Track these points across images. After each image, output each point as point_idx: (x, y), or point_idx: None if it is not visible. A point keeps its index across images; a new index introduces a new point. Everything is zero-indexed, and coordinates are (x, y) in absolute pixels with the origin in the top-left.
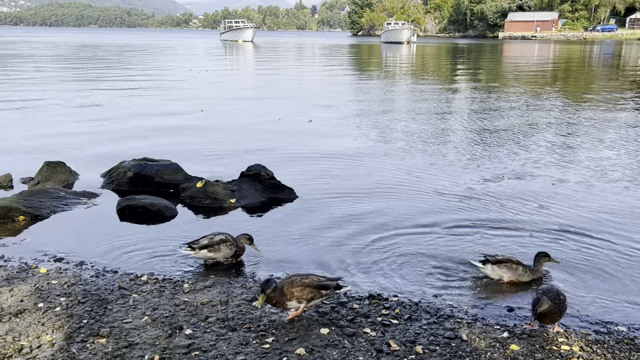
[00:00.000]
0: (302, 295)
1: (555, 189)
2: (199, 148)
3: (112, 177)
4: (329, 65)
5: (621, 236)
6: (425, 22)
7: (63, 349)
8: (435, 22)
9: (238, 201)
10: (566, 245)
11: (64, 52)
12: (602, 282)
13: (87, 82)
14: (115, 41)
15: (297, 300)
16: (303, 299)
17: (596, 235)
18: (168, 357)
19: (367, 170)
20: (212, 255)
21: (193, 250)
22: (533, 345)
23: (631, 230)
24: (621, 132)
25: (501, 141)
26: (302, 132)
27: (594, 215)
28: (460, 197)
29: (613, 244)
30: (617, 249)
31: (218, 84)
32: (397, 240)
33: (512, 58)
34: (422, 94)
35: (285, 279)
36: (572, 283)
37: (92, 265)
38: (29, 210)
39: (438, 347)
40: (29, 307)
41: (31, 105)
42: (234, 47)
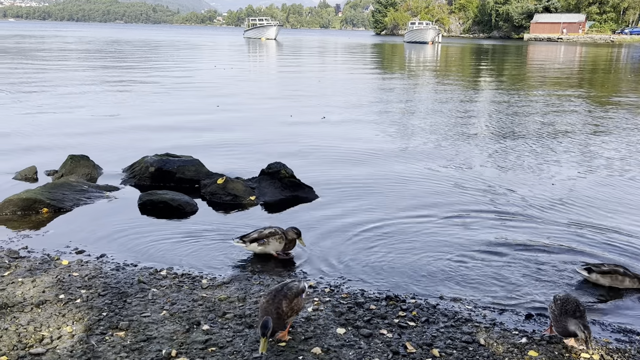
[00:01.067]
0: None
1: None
2: (219, 144)
3: (134, 172)
4: (352, 64)
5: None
6: (449, 22)
7: (82, 340)
8: (459, 23)
9: (258, 198)
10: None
11: (92, 47)
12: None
13: (113, 77)
14: (142, 37)
15: (295, 314)
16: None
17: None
18: (185, 352)
19: (387, 168)
20: (262, 249)
21: (244, 243)
22: (552, 352)
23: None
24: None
25: (524, 143)
26: (321, 130)
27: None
28: (484, 194)
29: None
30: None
31: (241, 81)
32: (417, 241)
33: (537, 60)
34: (445, 94)
35: (270, 303)
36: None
37: (112, 259)
38: (52, 203)
39: (455, 351)
40: (50, 298)
41: (57, 99)
42: (257, 44)
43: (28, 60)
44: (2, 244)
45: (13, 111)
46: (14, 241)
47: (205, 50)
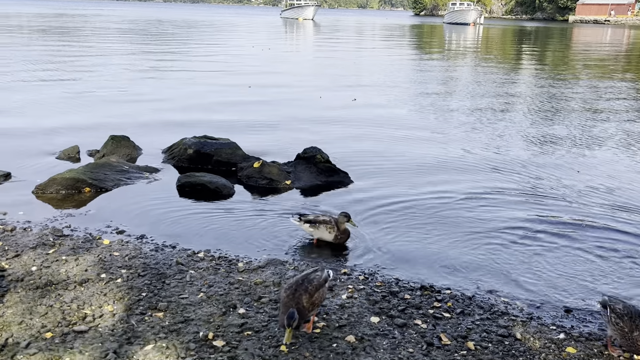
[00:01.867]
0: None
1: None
2: (256, 126)
3: (173, 153)
4: (390, 45)
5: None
6: (491, 3)
7: (123, 320)
8: (501, 4)
9: (293, 183)
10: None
11: (136, 27)
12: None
13: (154, 57)
14: (182, 17)
15: (318, 306)
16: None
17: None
18: (222, 335)
19: (423, 151)
20: (312, 231)
21: (299, 222)
22: (591, 350)
23: None
24: None
25: (564, 127)
26: (354, 112)
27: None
28: (523, 178)
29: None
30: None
31: (278, 62)
32: (454, 227)
33: (582, 43)
34: (486, 76)
35: (291, 299)
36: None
37: (151, 239)
38: (94, 183)
39: (490, 345)
40: (92, 277)
41: (99, 79)
42: (294, 25)
43: (73, 40)
44: (47, 222)
45: (57, 90)
46: (58, 219)
47: (242, 31)
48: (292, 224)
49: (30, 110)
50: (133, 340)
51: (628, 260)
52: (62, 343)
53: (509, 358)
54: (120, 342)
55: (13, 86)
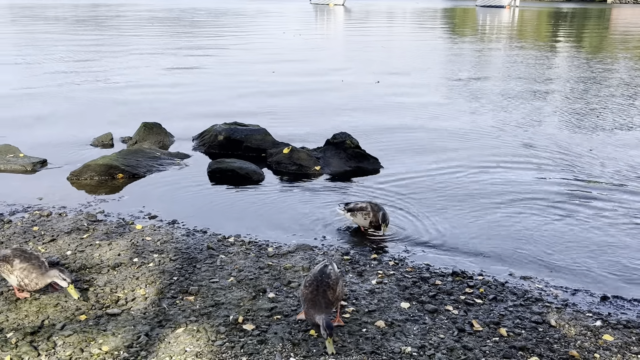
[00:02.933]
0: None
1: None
2: (286, 112)
3: (203, 140)
4: (421, 29)
5: None
6: None
7: (155, 303)
8: None
9: (323, 169)
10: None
11: (168, 15)
12: None
13: (186, 45)
14: (214, 5)
15: (341, 299)
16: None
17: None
18: (252, 319)
19: (454, 136)
20: (351, 219)
21: (343, 211)
22: (629, 338)
23: None
24: None
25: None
26: (387, 99)
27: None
28: (559, 160)
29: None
30: None
31: (310, 49)
32: (485, 212)
33: (623, 26)
34: (530, 60)
35: (315, 295)
36: None
37: (183, 224)
38: (127, 169)
39: (524, 331)
40: (125, 261)
41: (129, 68)
42: (325, 11)
43: (107, 30)
44: (82, 207)
45: (89, 78)
46: (92, 205)
47: (274, 18)
48: (319, 207)
49: (65, 99)
50: (164, 324)
51: None
52: (95, 325)
53: (543, 345)
54: (152, 325)
55: (48, 76)
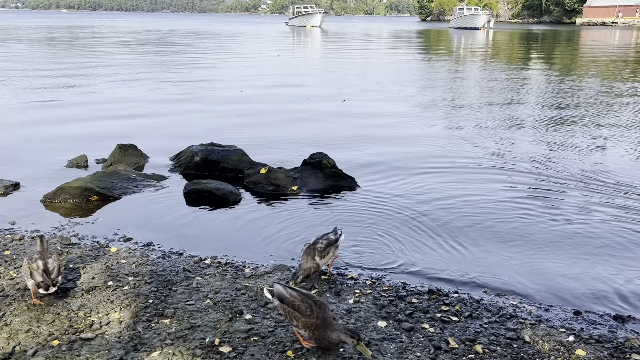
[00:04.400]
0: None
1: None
2: (262, 133)
3: (180, 161)
4: (397, 50)
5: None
6: (497, 7)
7: (130, 327)
8: (508, 7)
9: (300, 188)
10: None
11: (145, 37)
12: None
13: (163, 66)
14: (191, 27)
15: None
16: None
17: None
18: (228, 341)
19: (428, 154)
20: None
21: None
22: (601, 352)
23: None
24: None
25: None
26: (361, 118)
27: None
28: (530, 176)
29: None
30: None
31: (287, 68)
32: (461, 230)
33: (592, 47)
34: (503, 80)
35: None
36: None
37: (158, 247)
38: (102, 191)
39: (499, 348)
40: (99, 284)
41: (104, 87)
42: (302, 32)
43: (83, 50)
44: (55, 230)
45: (64, 99)
46: (65, 228)
47: (251, 40)
48: (297, 227)
49: (38, 121)
50: (139, 347)
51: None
52: (68, 350)
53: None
54: (127, 349)
55: (20, 96)
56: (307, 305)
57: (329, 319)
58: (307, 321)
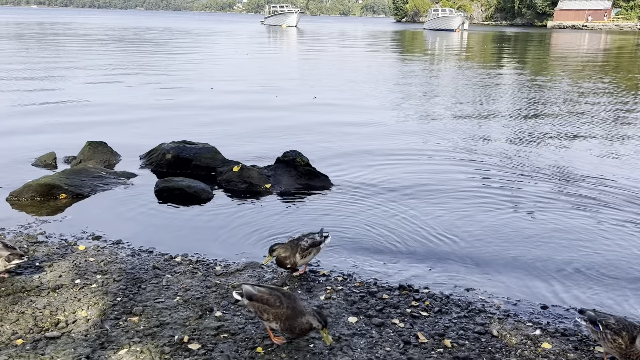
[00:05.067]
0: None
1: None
2: (235, 131)
3: (151, 159)
4: (374, 51)
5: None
6: (471, 9)
7: (97, 325)
8: (481, 10)
9: (273, 186)
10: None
11: (119, 34)
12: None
13: (135, 64)
14: (166, 25)
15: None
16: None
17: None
18: (197, 338)
19: (400, 152)
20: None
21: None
22: (566, 345)
23: None
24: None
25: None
26: (337, 117)
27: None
28: (500, 173)
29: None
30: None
31: (261, 67)
32: (434, 226)
33: (565, 49)
34: (476, 80)
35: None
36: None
37: (128, 245)
38: (70, 189)
39: (467, 342)
40: (66, 283)
41: (75, 85)
42: (278, 31)
43: (53, 47)
44: (21, 229)
45: (33, 97)
46: (32, 226)
47: (226, 38)
48: (269, 224)
49: (5, 117)
50: (107, 345)
51: (606, 253)
52: (32, 350)
53: (485, 355)
54: (94, 347)
55: None
56: (275, 297)
57: (299, 308)
58: (277, 312)
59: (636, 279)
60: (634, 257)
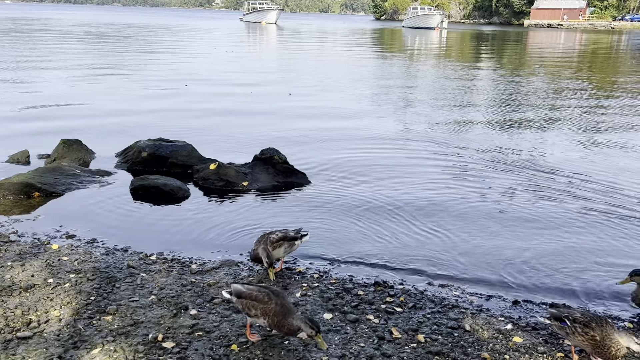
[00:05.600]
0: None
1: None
2: (212, 129)
3: (127, 157)
4: (354, 49)
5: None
6: (449, 7)
7: (70, 324)
8: (459, 8)
9: (250, 184)
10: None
11: (96, 30)
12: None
13: (111, 61)
14: (144, 21)
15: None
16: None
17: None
18: (172, 337)
19: (378, 153)
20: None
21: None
22: (536, 339)
23: None
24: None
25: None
26: (314, 114)
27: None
28: (475, 172)
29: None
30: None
31: (240, 64)
32: (408, 222)
33: (543, 47)
34: (454, 76)
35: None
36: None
37: (102, 243)
38: (44, 187)
39: (440, 337)
40: (39, 282)
41: (50, 82)
42: (257, 28)
43: (30, 43)
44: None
45: (5, 94)
46: (4, 225)
47: (211, 35)
48: (246, 222)
49: None
50: (79, 345)
51: (577, 245)
52: (3, 350)
53: (458, 349)
54: (66, 347)
55: None
56: (264, 293)
57: (288, 306)
58: (266, 307)
59: (605, 269)
60: (606, 249)
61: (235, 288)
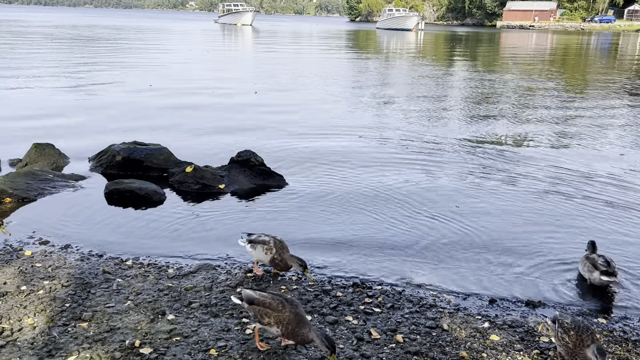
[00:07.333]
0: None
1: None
2: (188, 131)
3: (101, 161)
4: (332, 51)
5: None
6: (423, 9)
7: (44, 332)
8: (433, 10)
9: (227, 187)
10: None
11: (66, 32)
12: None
13: (83, 63)
14: (117, 23)
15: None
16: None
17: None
18: (149, 342)
19: (354, 154)
20: (250, 251)
21: (244, 242)
22: (513, 337)
23: None
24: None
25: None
26: (290, 117)
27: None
28: (452, 169)
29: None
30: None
31: (215, 65)
32: (388, 223)
33: (518, 47)
34: (430, 76)
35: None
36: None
37: (77, 249)
38: (15, 192)
39: (419, 336)
40: (11, 290)
41: (22, 86)
42: (232, 30)
43: (1, 46)
44: None
45: None
46: None
47: (187, 37)
48: (225, 230)
49: None
50: (54, 353)
51: (553, 241)
52: None
53: (436, 348)
54: (41, 355)
55: None
56: (278, 301)
57: (301, 316)
58: (280, 315)
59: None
60: (582, 243)
61: (247, 294)
